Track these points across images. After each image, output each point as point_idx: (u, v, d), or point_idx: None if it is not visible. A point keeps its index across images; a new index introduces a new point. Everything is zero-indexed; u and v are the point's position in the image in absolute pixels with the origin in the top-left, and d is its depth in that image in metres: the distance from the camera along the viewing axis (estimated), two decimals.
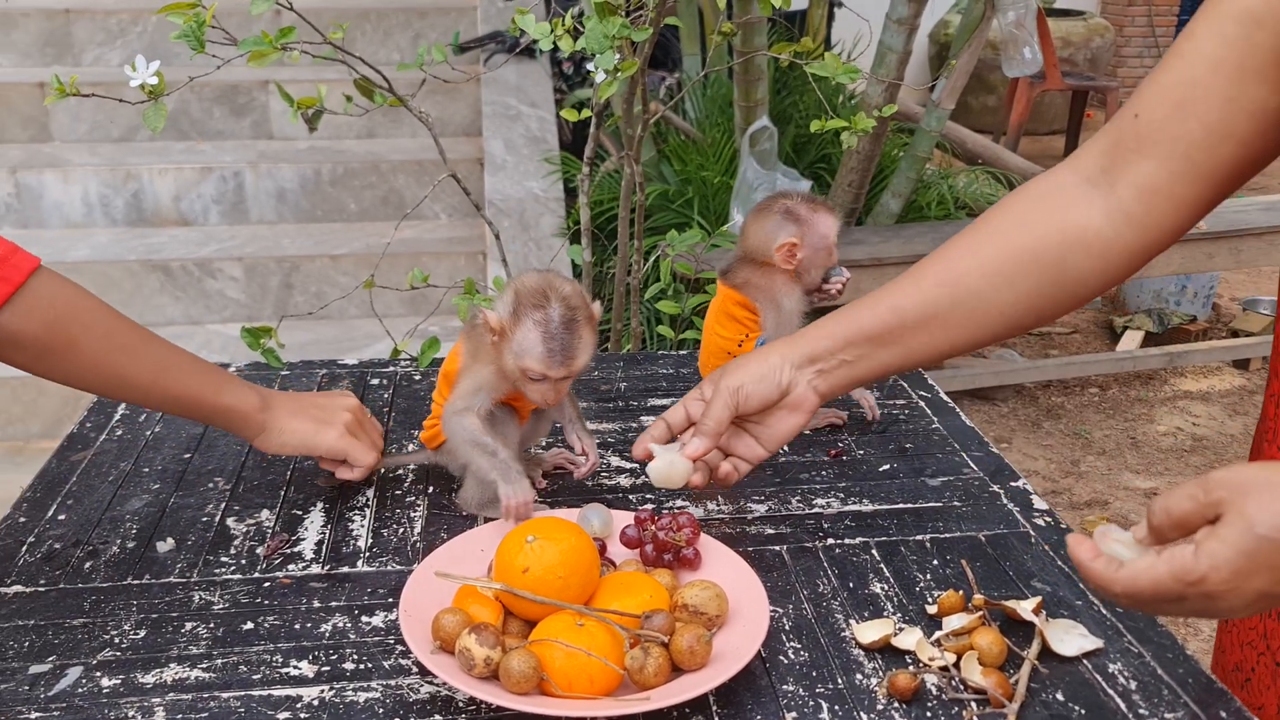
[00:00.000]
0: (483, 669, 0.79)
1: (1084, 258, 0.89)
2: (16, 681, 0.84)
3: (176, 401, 1.03)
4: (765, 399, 0.96)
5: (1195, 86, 0.82)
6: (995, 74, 5.94)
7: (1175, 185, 0.84)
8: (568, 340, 1.00)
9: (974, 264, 0.91)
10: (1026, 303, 0.91)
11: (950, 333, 0.93)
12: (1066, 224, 0.89)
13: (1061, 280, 0.90)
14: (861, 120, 1.49)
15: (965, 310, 0.91)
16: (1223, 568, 0.64)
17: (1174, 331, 3.98)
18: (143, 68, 1.21)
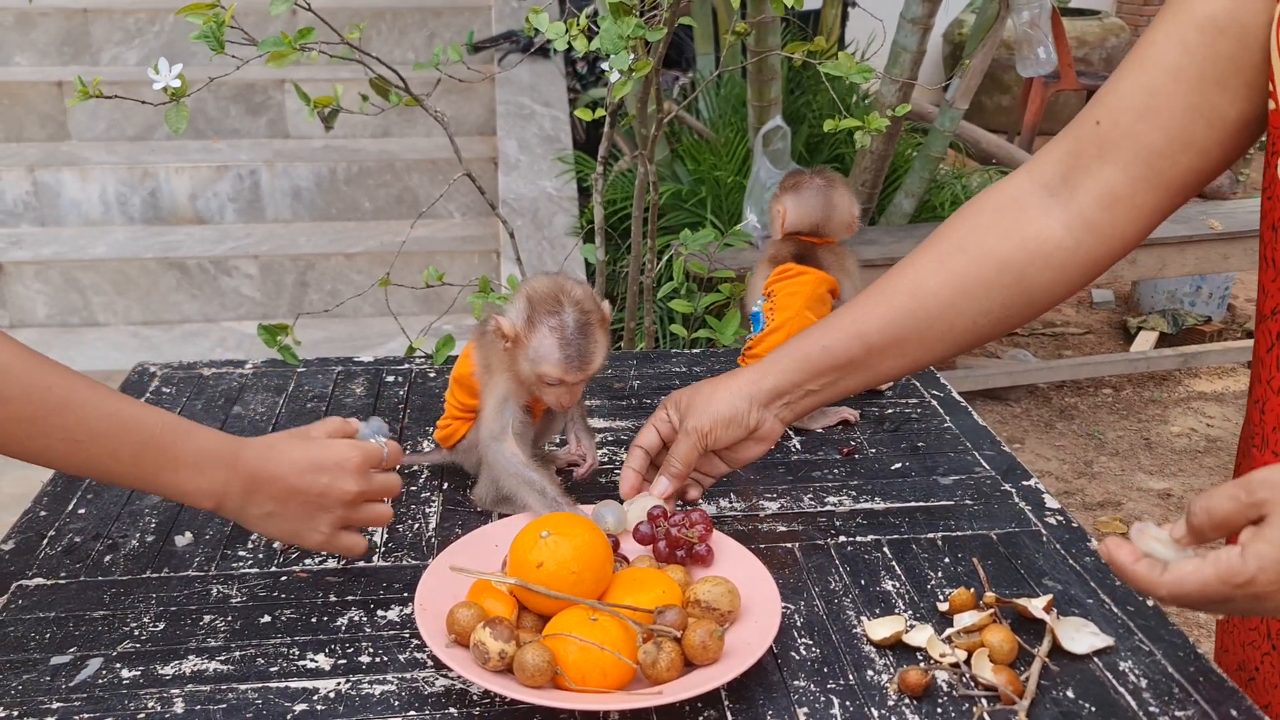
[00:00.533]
0: (497, 662, 0.80)
1: (1046, 270, 0.89)
2: (38, 672, 0.85)
3: (106, 478, 0.88)
4: (733, 439, 0.99)
5: (1156, 94, 0.82)
6: (1009, 74, 5.93)
7: (1137, 193, 0.85)
8: (583, 345, 1.00)
9: (942, 280, 0.91)
10: (992, 316, 0.92)
11: (917, 351, 0.94)
12: (1028, 237, 0.89)
13: (1025, 292, 0.90)
14: (875, 120, 1.49)
15: (935, 328, 0.92)
16: (1270, 569, 0.64)
17: (1188, 332, 3.97)
18: (165, 70, 1.22)
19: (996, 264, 0.90)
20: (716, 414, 0.97)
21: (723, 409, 0.97)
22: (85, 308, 3.37)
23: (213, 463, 0.88)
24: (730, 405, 0.97)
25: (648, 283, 2.09)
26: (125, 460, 0.85)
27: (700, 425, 0.97)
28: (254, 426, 1.27)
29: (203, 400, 1.33)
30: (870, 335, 0.93)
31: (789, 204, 1.31)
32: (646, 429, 1.02)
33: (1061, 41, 5.20)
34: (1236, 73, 0.79)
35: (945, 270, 0.91)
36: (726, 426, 0.97)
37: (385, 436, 0.99)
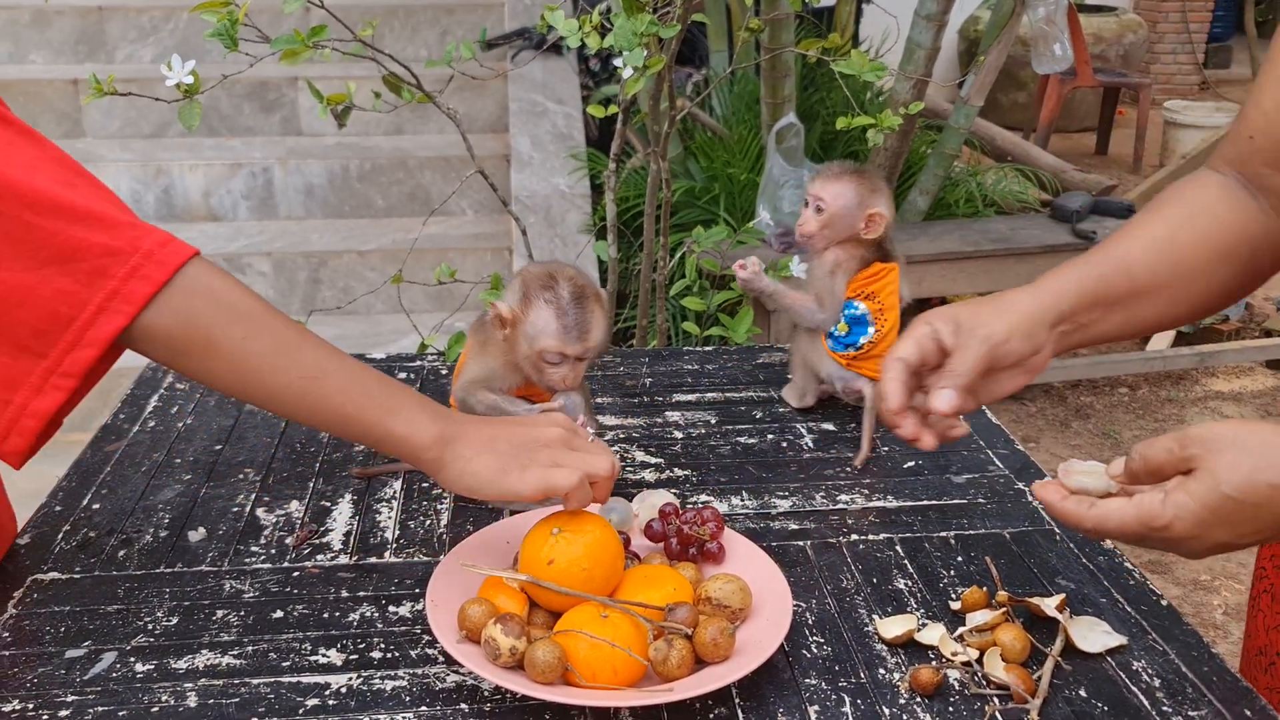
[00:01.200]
0: (508, 659, 0.80)
1: (1266, 248, 0.91)
2: (53, 665, 0.86)
3: (330, 421, 0.89)
4: (1021, 356, 0.88)
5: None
6: (1025, 70, 5.90)
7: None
8: (580, 315, 1.00)
9: (1193, 234, 0.91)
10: (1229, 284, 0.92)
11: (1169, 302, 0.91)
12: (1252, 213, 0.91)
13: (1254, 266, 0.92)
14: (888, 118, 1.49)
15: (1188, 280, 0.91)
16: (1186, 519, 0.71)
17: (1206, 331, 3.94)
18: (179, 67, 1.22)
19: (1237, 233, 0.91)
20: (1013, 324, 0.87)
21: (1018, 320, 0.88)
22: None
23: (429, 411, 0.91)
24: (1027, 317, 0.88)
25: (660, 280, 2.09)
26: (355, 399, 0.88)
27: (994, 334, 0.87)
28: (266, 423, 1.27)
29: (216, 397, 1.34)
30: (1136, 272, 0.90)
31: (884, 206, 1.25)
32: (905, 341, 0.90)
33: (1078, 38, 5.17)
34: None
35: (1196, 229, 0.91)
36: (1024, 338, 0.87)
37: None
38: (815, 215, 1.26)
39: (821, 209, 1.26)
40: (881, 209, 1.25)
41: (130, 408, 1.31)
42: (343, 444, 1.23)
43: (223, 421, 1.27)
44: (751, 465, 1.19)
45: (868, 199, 1.25)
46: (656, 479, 1.16)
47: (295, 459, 1.19)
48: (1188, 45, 7.35)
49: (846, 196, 1.25)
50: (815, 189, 1.27)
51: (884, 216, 1.25)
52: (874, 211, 1.25)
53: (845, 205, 1.25)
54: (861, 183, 1.25)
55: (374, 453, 1.21)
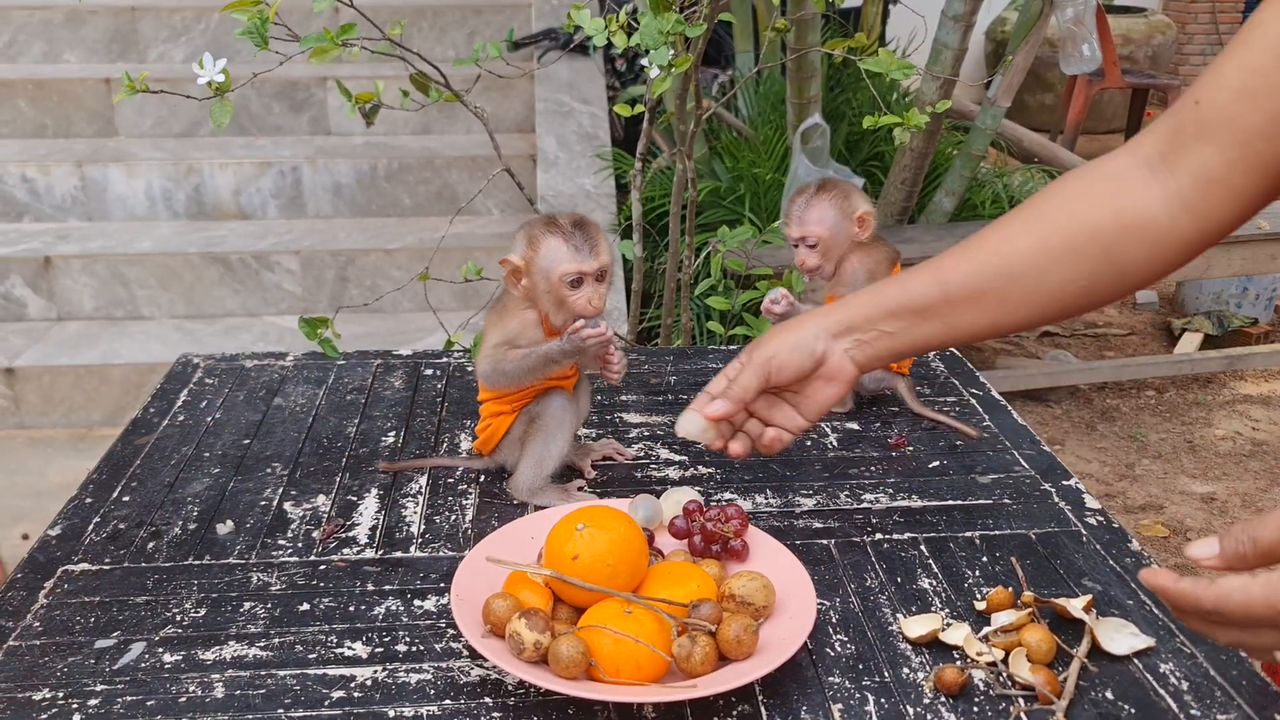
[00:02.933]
0: (532, 653, 0.81)
1: (1139, 244, 0.87)
2: (83, 655, 0.87)
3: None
4: (800, 369, 0.92)
5: (1259, 74, 0.80)
6: (1053, 71, 5.86)
7: (1234, 174, 0.83)
8: (586, 234, 1.05)
9: (1030, 241, 0.89)
10: (1078, 285, 0.89)
11: (997, 309, 0.90)
12: (1123, 208, 0.87)
13: (1115, 265, 0.88)
14: (914, 116, 1.48)
15: (1017, 287, 0.89)
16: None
17: (1234, 334, 3.90)
18: (210, 65, 1.24)
19: (1088, 232, 0.87)
20: (782, 340, 0.92)
21: (789, 335, 0.92)
22: (130, 301, 3.42)
23: None
24: (797, 331, 0.92)
25: (685, 279, 2.09)
26: None
27: (763, 353, 0.92)
28: (294, 417, 1.28)
29: (244, 391, 1.35)
30: (950, 283, 0.90)
31: (864, 203, 1.27)
32: (719, 375, 0.95)
33: (1106, 39, 5.13)
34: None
35: (1034, 233, 0.89)
36: (791, 351, 0.91)
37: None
38: (811, 251, 1.27)
39: (814, 244, 1.27)
40: (864, 207, 1.27)
41: (160, 402, 1.32)
42: (369, 439, 1.23)
43: (251, 416, 1.28)
44: (776, 464, 1.19)
45: (847, 206, 1.26)
46: (681, 477, 1.16)
47: (322, 454, 1.20)
48: (1217, 46, 7.27)
49: (829, 217, 1.26)
50: (796, 230, 1.27)
51: (870, 212, 1.27)
52: (860, 214, 1.26)
53: (832, 226, 1.26)
54: (833, 195, 1.26)
55: (400, 448, 1.22)
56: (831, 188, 1.27)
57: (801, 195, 1.28)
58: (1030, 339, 4.00)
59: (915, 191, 3.36)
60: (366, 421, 1.28)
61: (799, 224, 1.26)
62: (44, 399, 3.12)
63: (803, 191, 1.28)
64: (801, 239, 1.26)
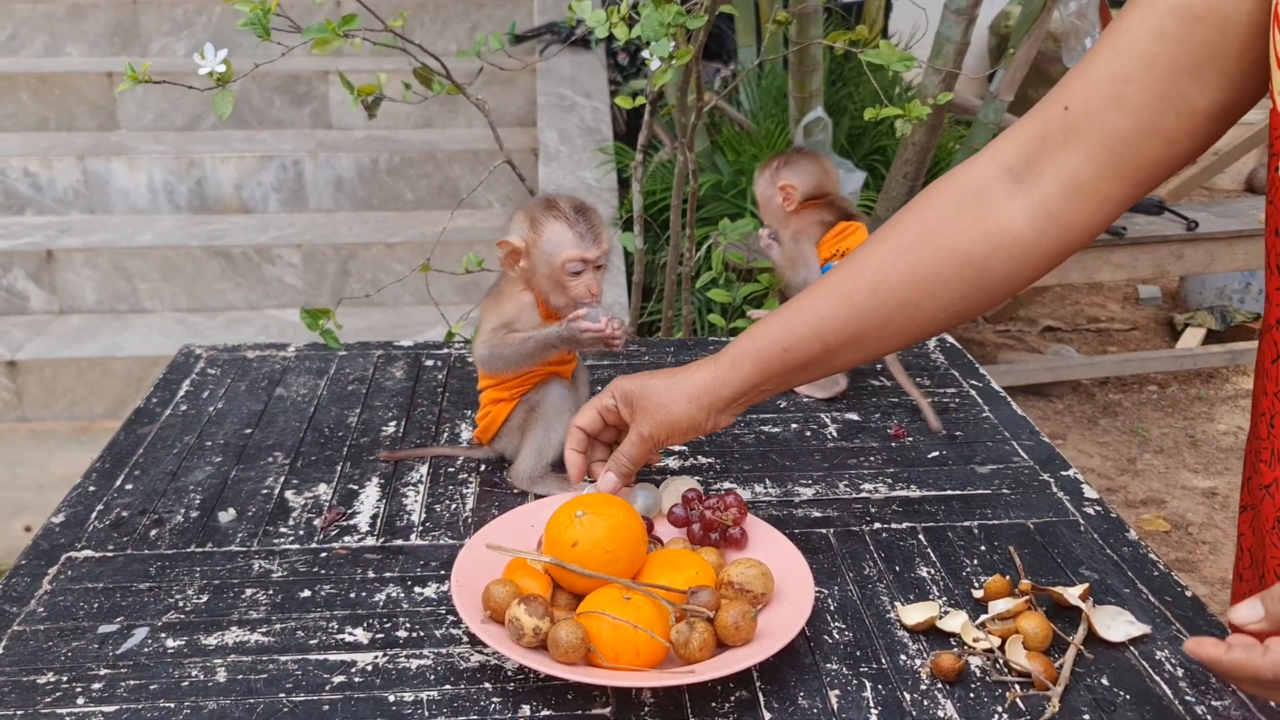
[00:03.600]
0: (531, 639, 0.81)
1: (1007, 261, 0.88)
2: (86, 640, 0.88)
3: None
4: (686, 436, 0.97)
5: (1127, 82, 0.80)
6: (1057, 67, 5.84)
7: (1101, 181, 0.83)
8: (589, 221, 1.05)
9: (903, 275, 0.89)
10: (952, 309, 0.90)
11: (874, 345, 0.92)
12: (990, 229, 0.87)
13: (985, 284, 0.89)
14: (915, 108, 1.49)
15: (894, 323, 0.90)
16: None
17: (1237, 329, 3.90)
18: (211, 56, 1.24)
19: (960, 259, 0.88)
20: (673, 423, 0.95)
21: (680, 418, 0.95)
22: (132, 294, 3.43)
23: None
24: (688, 415, 0.95)
25: (686, 273, 2.09)
26: None
27: (655, 433, 0.95)
28: (296, 407, 1.29)
29: (246, 382, 1.35)
30: (829, 335, 0.91)
31: (792, 178, 1.34)
32: (587, 410, 1.00)
33: None
34: (1210, 61, 0.77)
35: (907, 265, 0.89)
36: (684, 434, 0.96)
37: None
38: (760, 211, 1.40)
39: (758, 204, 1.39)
40: (788, 180, 1.34)
41: (162, 391, 1.33)
42: (371, 429, 1.24)
43: (253, 406, 1.29)
44: (775, 454, 1.19)
45: (776, 175, 1.35)
46: (681, 466, 1.17)
47: (324, 443, 1.21)
48: None
49: (761, 182, 1.37)
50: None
51: (793, 187, 1.34)
52: (783, 184, 1.34)
53: (762, 190, 1.38)
54: (772, 164, 1.36)
55: (400, 438, 1.22)
56: (779, 157, 1.36)
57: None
58: (1032, 334, 4.00)
59: (917, 186, 3.36)
60: (368, 411, 1.28)
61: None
62: (46, 392, 3.13)
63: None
64: None
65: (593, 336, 1.05)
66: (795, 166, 1.35)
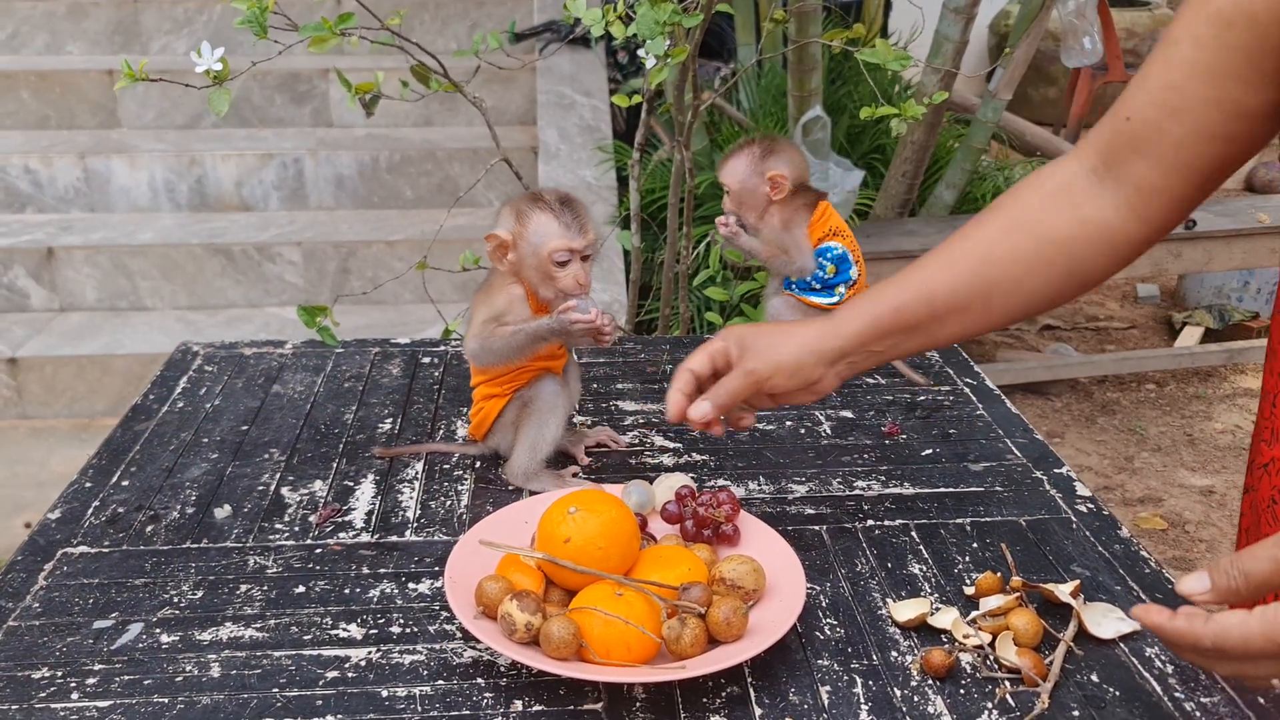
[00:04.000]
0: (523, 634, 0.82)
1: (1099, 250, 0.91)
2: (81, 636, 0.88)
3: None
4: (789, 390, 0.96)
5: (1178, 91, 0.83)
6: (1056, 65, 5.84)
7: (1171, 184, 0.87)
8: (575, 211, 1.06)
9: (1009, 250, 0.92)
10: (1046, 291, 0.93)
11: (975, 319, 0.94)
12: (1085, 217, 0.91)
13: (1079, 271, 0.92)
14: (911, 107, 1.49)
15: (996, 297, 0.93)
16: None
17: (1235, 328, 3.90)
18: (208, 54, 1.24)
19: (1058, 244, 0.91)
20: (780, 362, 0.94)
21: (787, 359, 0.94)
22: (133, 292, 3.44)
23: None
24: (796, 357, 0.94)
25: (684, 271, 2.10)
26: None
27: (759, 369, 0.94)
28: (292, 404, 1.29)
29: (243, 379, 1.36)
30: (938, 300, 0.93)
31: (781, 167, 1.32)
32: (699, 354, 0.98)
33: (1110, 32, 5.12)
34: (1249, 62, 0.79)
35: (1010, 244, 0.92)
36: (789, 376, 0.95)
37: None
38: (726, 199, 1.35)
39: (728, 191, 1.34)
40: (779, 170, 1.31)
41: (160, 389, 1.33)
42: (367, 426, 1.25)
43: (249, 403, 1.29)
44: (769, 451, 1.20)
45: (761, 164, 1.31)
46: (675, 464, 1.17)
47: (320, 440, 1.21)
48: None
49: (741, 171, 1.33)
50: (718, 175, 1.34)
51: (784, 177, 1.31)
52: (773, 174, 1.31)
53: (742, 179, 1.33)
54: (752, 152, 1.32)
55: (397, 434, 1.23)
56: (757, 145, 1.33)
57: (736, 146, 1.35)
58: (1031, 332, 4.00)
59: (916, 184, 3.36)
60: (364, 409, 1.29)
61: (719, 170, 1.34)
62: (46, 389, 3.14)
63: (741, 143, 1.35)
64: (722, 184, 1.35)
65: (583, 328, 1.05)
66: (782, 155, 1.33)
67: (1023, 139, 4.30)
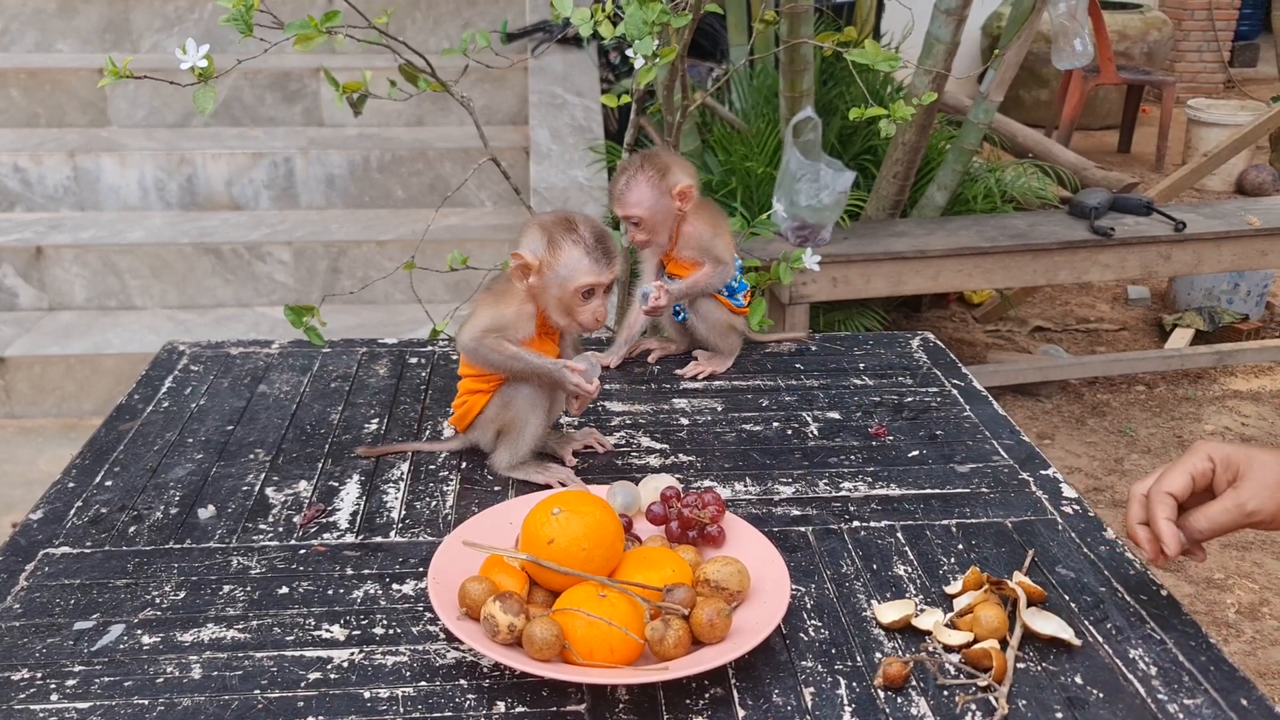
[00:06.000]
0: (506, 635, 0.81)
1: None
2: (61, 637, 0.88)
3: None
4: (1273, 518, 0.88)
5: None
6: (1048, 68, 5.86)
7: None
8: (606, 246, 1.06)
9: None
10: None
11: None
12: None
13: None
14: (900, 108, 1.49)
15: None
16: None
17: (1225, 330, 3.91)
18: (193, 50, 1.24)
19: None
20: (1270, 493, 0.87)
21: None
22: (122, 291, 3.42)
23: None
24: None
25: None
26: None
27: (1261, 510, 0.87)
28: (278, 404, 1.29)
29: (229, 379, 1.35)
30: None
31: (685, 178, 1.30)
32: (1177, 475, 0.90)
33: (1101, 35, 5.13)
34: None
35: None
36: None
37: None
38: (637, 229, 1.30)
39: (638, 222, 1.30)
40: (684, 182, 1.29)
41: (145, 388, 1.32)
42: (352, 426, 1.24)
43: (235, 403, 1.29)
44: (756, 452, 1.19)
45: (664, 183, 1.29)
46: (661, 464, 1.17)
47: (305, 440, 1.21)
48: (1213, 43, 7.28)
49: (648, 197, 1.29)
50: (619, 210, 1.30)
51: (690, 185, 1.29)
52: (680, 188, 1.29)
53: (651, 205, 1.29)
54: (648, 174, 1.28)
55: (383, 435, 1.22)
56: (649, 166, 1.29)
57: (623, 175, 1.30)
58: (1021, 333, 4.01)
59: (907, 185, 3.36)
60: (350, 409, 1.28)
61: (620, 205, 1.30)
62: (35, 388, 3.12)
63: (624, 170, 1.31)
64: (626, 218, 1.31)
65: (577, 390, 1.08)
66: (676, 166, 1.30)
67: (1014, 141, 4.31)
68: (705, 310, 1.38)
